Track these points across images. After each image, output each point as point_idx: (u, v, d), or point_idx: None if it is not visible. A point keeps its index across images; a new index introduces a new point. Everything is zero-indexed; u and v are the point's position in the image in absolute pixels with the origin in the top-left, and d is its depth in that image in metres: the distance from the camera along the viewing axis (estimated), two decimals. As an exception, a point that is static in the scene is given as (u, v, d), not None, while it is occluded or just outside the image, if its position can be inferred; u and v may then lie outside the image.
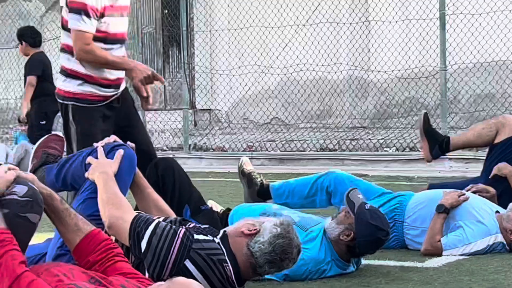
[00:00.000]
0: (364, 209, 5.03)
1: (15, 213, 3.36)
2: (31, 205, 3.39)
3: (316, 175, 6.20)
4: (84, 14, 5.51)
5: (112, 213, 4.05)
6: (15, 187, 3.41)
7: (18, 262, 3.17)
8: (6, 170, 3.47)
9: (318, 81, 15.33)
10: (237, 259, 4.03)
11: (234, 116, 16.32)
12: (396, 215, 5.79)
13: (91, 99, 5.76)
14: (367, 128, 15.00)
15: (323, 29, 15.18)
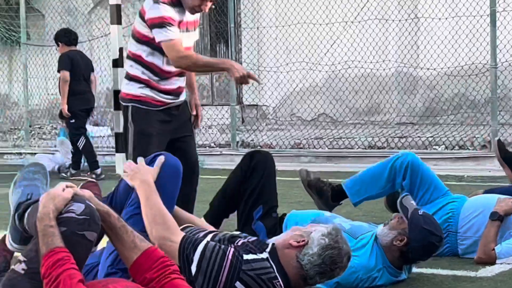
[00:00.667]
0: (418, 215, 5.00)
1: (73, 231, 3.37)
2: (89, 223, 3.40)
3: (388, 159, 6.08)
4: (167, 25, 5.74)
5: (159, 234, 4.04)
6: (73, 205, 3.42)
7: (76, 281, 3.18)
8: (64, 188, 3.49)
9: (367, 78, 15.28)
10: (287, 272, 4.02)
11: (282, 113, 16.31)
12: (449, 226, 5.71)
13: (150, 102, 5.94)
14: (416, 124, 14.92)
15: (372, 26, 15.11)
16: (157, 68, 5.92)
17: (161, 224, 4.05)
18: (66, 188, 3.52)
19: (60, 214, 3.41)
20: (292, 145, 13.92)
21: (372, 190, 6.04)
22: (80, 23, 17.93)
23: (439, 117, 14.82)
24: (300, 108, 16.00)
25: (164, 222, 4.07)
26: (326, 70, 15.58)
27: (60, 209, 3.41)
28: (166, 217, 4.10)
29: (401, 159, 5.96)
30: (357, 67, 15.18)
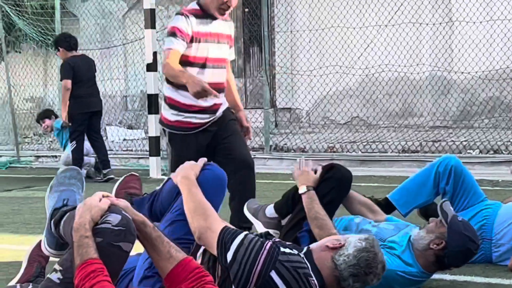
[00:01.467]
0: (457, 221, 4.96)
1: (109, 242, 3.38)
2: (124, 234, 3.42)
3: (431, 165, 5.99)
4: (174, 35, 5.93)
5: (200, 223, 4.08)
6: (109, 216, 3.44)
7: None
8: (100, 197, 3.51)
9: (400, 81, 15.24)
10: (322, 273, 4.02)
11: (315, 116, 16.30)
12: (483, 233, 5.66)
13: (185, 127, 6.09)
14: (450, 128, 14.86)
15: (405, 30, 15.07)
16: None
17: (201, 214, 4.11)
18: (103, 198, 3.53)
19: (97, 225, 3.43)
20: (326, 148, 13.91)
21: (420, 199, 5.97)
22: (114, 26, 18.02)
23: (473, 121, 14.74)
24: (334, 111, 15.99)
25: (204, 212, 4.12)
26: (360, 74, 15.57)
27: (96, 220, 3.43)
28: (207, 208, 4.15)
29: (445, 163, 5.90)
30: (390, 71, 15.15)
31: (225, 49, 6.25)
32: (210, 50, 6.09)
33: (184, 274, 3.53)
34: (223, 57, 6.25)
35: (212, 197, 4.31)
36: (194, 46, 6.05)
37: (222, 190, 4.48)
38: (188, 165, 4.40)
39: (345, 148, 13.82)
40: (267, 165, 13.20)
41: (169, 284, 3.57)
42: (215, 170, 4.45)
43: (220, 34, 6.19)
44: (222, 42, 6.19)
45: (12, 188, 11.61)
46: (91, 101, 12.35)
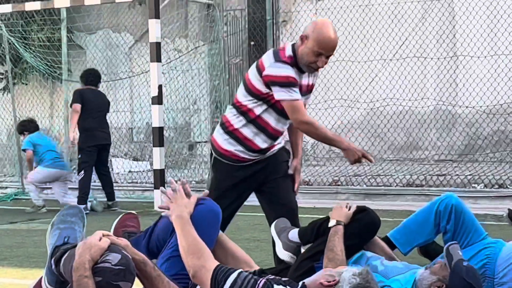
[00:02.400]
0: (462, 265, 4.95)
1: (108, 281, 3.40)
2: (124, 273, 3.43)
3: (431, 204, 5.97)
4: (291, 86, 5.66)
5: (194, 263, 4.11)
6: (109, 255, 3.45)
7: None
8: (100, 237, 3.52)
9: (405, 115, 15.26)
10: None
11: (320, 149, 16.29)
12: (486, 271, 5.65)
13: (233, 158, 5.92)
14: (455, 162, 14.85)
15: (410, 64, 15.10)
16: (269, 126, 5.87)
17: (195, 253, 4.14)
18: (103, 237, 3.54)
19: (96, 264, 3.43)
20: (330, 182, 13.89)
21: (420, 238, 5.95)
22: (120, 59, 18.06)
23: (478, 155, 14.74)
24: (338, 144, 15.96)
25: (198, 251, 4.16)
26: (365, 108, 15.58)
27: (96, 259, 3.45)
28: (200, 247, 4.19)
29: (445, 201, 5.89)
30: (395, 104, 15.17)
31: (308, 100, 6.14)
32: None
33: None
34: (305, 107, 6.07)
35: (206, 231, 4.37)
36: None
37: (216, 224, 4.53)
38: (182, 203, 4.41)
39: (349, 181, 13.81)
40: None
41: None
42: (209, 205, 4.51)
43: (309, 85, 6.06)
44: (307, 94, 6.05)
45: (17, 220, 11.61)
46: (99, 134, 12.48)
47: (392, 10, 15.41)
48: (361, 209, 5.38)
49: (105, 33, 18.27)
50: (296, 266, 5.33)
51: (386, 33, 15.43)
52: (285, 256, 5.53)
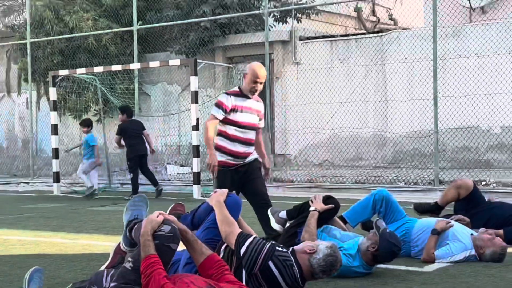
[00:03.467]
0: (386, 232, 4.98)
1: (163, 243, 3.41)
2: (173, 238, 3.43)
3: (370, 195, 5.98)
4: (217, 106, 6.00)
5: (226, 229, 4.19)
6: (163, 226, 3.46)
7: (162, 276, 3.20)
8: (158, 214, 3.54)
9: (354, 137, 15.27)
10: (302, 267, 4.04)
11: (300, 159, 16.29)
12: (405, 238, 5.67)
13: (225, 165, 6.06)
14: (386, 167, 14.83)
15: (357, 105, 15.13)
16: (239, 137, 6.06)
17: (227, 224, 4.22)
18: (160, 214, 3.56)
19: (155, 232, 3.44)
20: (306, 180, 13.88)
21: (363, 216, 6.00)
22: (172, 101, 18.11)
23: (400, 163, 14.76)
24: (311, 156, 15.98)
25: (228, 222, 4.24)
26: (328, 133, 15.60)
27: (155, 229, 3.45)
28: (230, 221, 4.26)
29: (379, 193, 5.93)
30: (347, 131, 15.22)
31: (254, 118, 6.17)
32: (245, 117, 6.07)
33: (210, 264, 3.54)
34: (254, 123, 6.18)
35: (232, 212, 4.39)
36: (235, 114, 6.04)
37: (238, 209, 4.58)
38: (219, 193, 4.47)
39: (319, 180, 13.79)
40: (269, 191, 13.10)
41: (201, 271, 3.58)
42: (234, 198, 4.55)
43: (253, 108, 6.15)
44: (253, 114, 6.14)
45: (105, 204, 11.62)
46: (139, 148, 12.55)
47: (345, 70, 15.44)
48: (328, 196, 5.42)
49: (162, 85, 18.31)
50: (285, 231, 5.36)
51: (340, 85, 15.47)
52: (277, 227, 5.58)
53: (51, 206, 11.37)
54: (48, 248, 6.73)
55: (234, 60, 17.47)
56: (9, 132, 20.72)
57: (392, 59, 14.85)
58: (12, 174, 19.69)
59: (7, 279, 5.18)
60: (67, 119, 18.88)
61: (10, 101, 20.69)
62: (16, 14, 20.57)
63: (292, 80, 16.32)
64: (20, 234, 7.81)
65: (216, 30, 16.88)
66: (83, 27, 17.54)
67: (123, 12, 18.01)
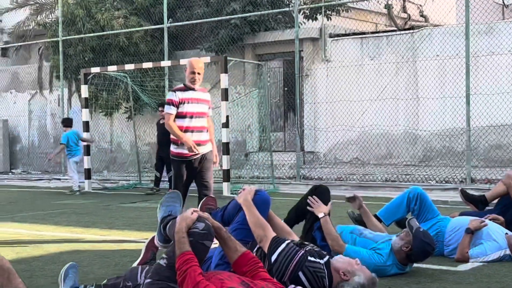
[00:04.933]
0: (419, 231, 4.92)
1: (197, 240, 3.40)
2: (207, 235, 3.43)
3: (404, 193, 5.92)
4: (169, 104, 6.66)
5: (260, 233, 4.16)
6: (197, 224, 3.46)
7: (197, 273, 3.19)
8: (192, 212, 3.53)
9: (385, 135, 15.16)
10: (332, 283, 3.93)
11: (329, 157, 16.22)
12: (438, 237, 5.61)
13: (180, 156, 6.72)
14: (416, 166, 14.71)
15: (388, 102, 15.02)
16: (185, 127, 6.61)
17: (260, 226, 4.18)
18: (194, 212, 3.56)
19: (189, 229, 3.44)
20: (335, 178, 13.83)
21: (397, 215, 5.94)
22: (202, 98, 18.14)
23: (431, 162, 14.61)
24: (341, 154, 15.91)
25: (261, 225, 4.18)
26: (358, 130, 15.52)
27: (189, 226, 3.45)
28: (263, 222, 4.22)
29: (414, 191, 5.88)
30: (378, 128, 15.11)
31: (204, 107, 6.75)
32: (193, 108, 6.64)
33: (245, 261, 3.53)
34: (203, 111, 6.75)
35: (261, 210, 4.37)
36: (183, 106, 6.60)
37: (267, 207, 4.52)
38: (247, 191, 4.42)
39: (348, 178, 13.73)
40: (298, 188, 13.15)
41: (235, 268, 3.57)
42: (263, 195, 4.49)
43: (201, 99, 6.73)
44: (200, 103, 6.71)
45: (136, 200, 11.70)
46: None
47: (375, 67, 15.34)
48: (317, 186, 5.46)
49: (192, 82, 18.35)
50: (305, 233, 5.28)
51: (370, 83, 15.37)
52: None
53: (83, 202, 11.49)
54: (81, 244, 6.80)
55: (264, 57, 17.45)
56: (41, 129, 20.97)
57: (423, 56, 14.71)
58: (44, 170, 19.95)
59: (41, 274, 5.25)
60: (98, 116, 19.05)
61: (42, 98, 20.94)
62: (48, 12, 20.78)
63: (322, 78, 16.26)
64: (53, 230, 7.91)
65: (245, 28, 16.89)
66: (114, 25, 17.67)
67: (153, 10, 18.11)
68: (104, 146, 19.66)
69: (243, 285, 3.24)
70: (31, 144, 21.22)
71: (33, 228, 8.14)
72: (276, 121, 17.38)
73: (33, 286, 4.78)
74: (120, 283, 3.99)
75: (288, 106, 17.40)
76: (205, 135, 6.75)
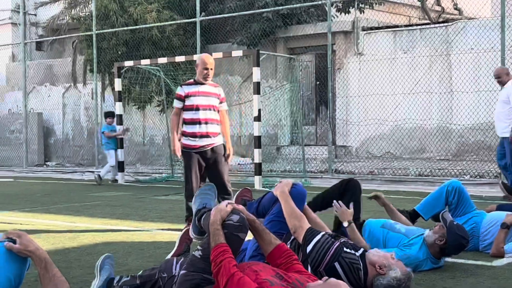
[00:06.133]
0: (453, 224, 4.88)
1: (231, 232, 3.40)
2: (241, 228, 3.43)
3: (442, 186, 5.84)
4: (176, 99, 6.96)
5: (295, 224, 4.14)
6: (232, 216, 3.47)
7: (232, 265, 3.20)
8: (226, 204, 3.54)
9: (418, 129, 15.03)
10: (368, 274, 3.89)
11: (361, 151, 16.15)
12: (473, 232, 5.55)
13: (189, 147, 6.91)
14: (450, 160, 14.56)
15: (421, 96, 14.88)
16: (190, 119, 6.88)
17: (295, 217, 4.16)
18: (228, 204, 3.57)
19: (224, 221, 3.45)
20: (367, 172, 13.75)
21: (436, 209, 5.84)
22: (233, 92, 18.20)
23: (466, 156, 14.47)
24: (373, 148, 15.82)
25: (296, 216, 4.17)
26: (390, 124, 15.40)
27: (224, 218, 3.46)
28: (298, 213, 4.21)
29: (452, 184, 5.82)
30: (411, 122, 14.98)
31: (213, 101, 6.92)
32: (201, 100, 6.85)
33: (279, 254, 3.53)
34: (211, 104, 6.91)
35: (297, 203, 4.34)
36: (190, 99, 6.85)
37: (303, 200, 4.50)
38: (283, 183, 4.42)
39: (380, 173, 13.65)
40: (330, 182, 13.08)
41: (269, 260, 3.57)
42: (300, 189, 4.48)
43: (210, 92, 6.91)
44: (210, 96, 6.90)
45: (168, 193, 11.78)
46: None
47: (408, 61, 15.20)
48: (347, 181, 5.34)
49: (224, 76, 18.41)
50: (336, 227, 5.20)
51: (404, 76, 15.24)
52: None
53: (116, 195, 11.61)
54: (115, 236, 6.87)
55: (296, 51, 17.41)
56: (75, 122, 21.22)
57: (458, 49, 14.53)
58: (78, 163, 20.20)
59: (77, 265, 5.31)
60: (131, 109, 19.21)
61: (76, 92, 21.18)
62: (82, 6, 20.99)
63: (354, 71, 16.16)
64: (88, 222, 8.01)
65: (278, 21, 16.86)
66: (147, 18, 17.79)
67: (186, 3, 18.17)
68: (136, 140, 19.83)
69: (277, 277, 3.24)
70: (65, 137, 21.49)
71: (68, 219, 8.25)
72: (308, 115, 17.34)
73: (69, 276, 4.84)
74: (155, 274, 4.02)
75: (320, 100, 17.35)
76: (214, 127, 6.94)
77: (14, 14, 23.29)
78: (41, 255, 2.90)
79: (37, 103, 21.75)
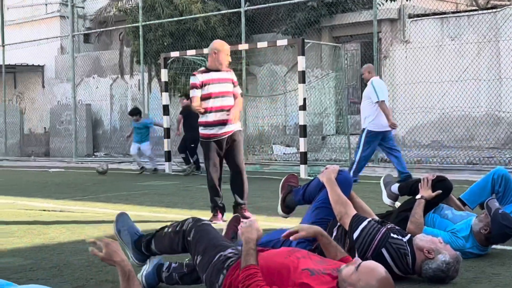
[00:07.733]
0: (498, 213, 4.82)
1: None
2: None
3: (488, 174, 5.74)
4: (193, 88, 6.89)
5: (341, 210, 4.16)
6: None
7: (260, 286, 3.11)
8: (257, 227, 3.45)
9: (466, 117, 14.83)
10: (415, 260, 3.92)
11: (408, 140, 16.01)
12: (520, 220, 5.49)
13: (207, 136, 6.92)
14: (499, 148, 14.33)
15: (469, 83, 14.67)
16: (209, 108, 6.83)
17: (342, 204, 4.19)
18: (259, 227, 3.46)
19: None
20: (415, 161, 13.64)
21: (482, 197, 5.75)
22: (278, 82, 18.23)
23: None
24: (421, 136, 15.67)
25: (343, 203, 4.20)
26: (438, 112, 15.23)
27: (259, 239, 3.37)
28: (344, 200, 4.23)
29: (498, 172, 5.73)
30: (459, 110, 14.79)
31: (229, 86, 6.89)
32: (217, 88, 6.82)
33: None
34: (227, 90, 6.87)
35: (343, 189, 4.36)
36: (206, 87, 6.82)
37: (349, 187, 4.51)
38: (330, 170, 4.45)
39: (428, 161, 13.52)
40: (375, 171, 13.07)
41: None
42: (346, 175, 4.49)
43: (225, 78, 6.87)
44: (223, 83, 6.86)
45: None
46: None
47: (456, 48, 14.99)
48: (439, 179, 5.13)
49: (269, 65, 18.46)
50: (396, 215, 5.23)
51: (451, 64, 15.03)
52: (388, 201, 5.54)
53: (164, 184, 11.79)
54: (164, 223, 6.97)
55: (341, 39, 17.34)
56: (123, 113, 21.55)
57: (506, 36, 14.25)
58: (126, 153, 20.53)
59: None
60: (176, 100, 19.41)
61: (123, 83, 21.50)
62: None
63: (401, 59, 16.01)
64: (137, 210, 8.16)
65: (323, 10, 16.80)
66: (193, 9, 17.92)
67: (230, -6, 18.26)
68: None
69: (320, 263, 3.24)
70: (113, 128, 21.85)
71: (118, 208, 8.41)
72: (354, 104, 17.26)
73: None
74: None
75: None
76: (229, 115, 6.93)
77: (62, 7, 23.74)
78: (125, 267, 2.83)
79: (85, 95, 22.16)
